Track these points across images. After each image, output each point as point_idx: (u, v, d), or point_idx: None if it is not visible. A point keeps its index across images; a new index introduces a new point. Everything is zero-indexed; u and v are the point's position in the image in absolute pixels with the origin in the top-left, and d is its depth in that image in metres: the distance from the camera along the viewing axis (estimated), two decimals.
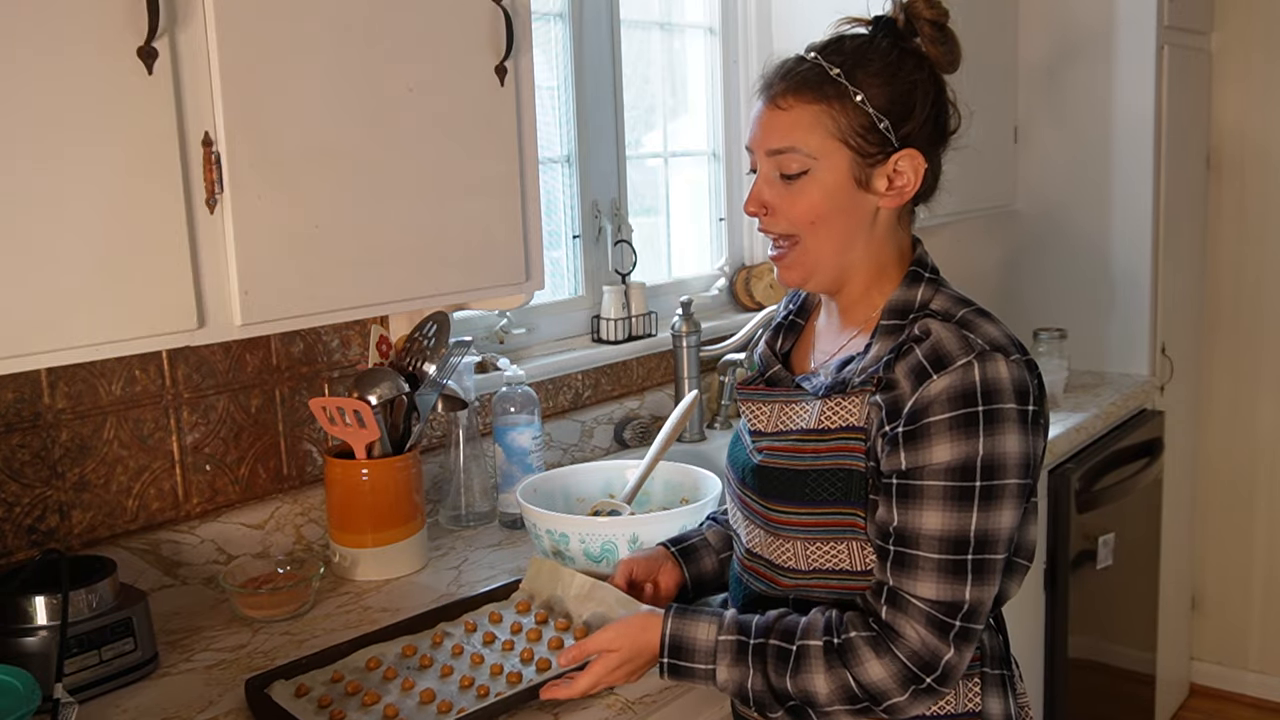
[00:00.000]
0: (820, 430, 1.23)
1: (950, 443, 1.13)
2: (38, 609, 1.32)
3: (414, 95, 1.49)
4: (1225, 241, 3.36)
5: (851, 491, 1.20)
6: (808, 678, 1.16)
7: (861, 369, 1.21)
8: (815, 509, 1.22)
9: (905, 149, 1.21)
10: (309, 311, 1.42)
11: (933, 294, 1.24)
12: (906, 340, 1.19)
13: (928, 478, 1.14)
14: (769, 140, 1.23)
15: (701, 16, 2.69)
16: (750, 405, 1.33)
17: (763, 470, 1.28)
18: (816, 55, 1.23)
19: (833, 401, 1.23)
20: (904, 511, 1.16)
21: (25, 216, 1.15)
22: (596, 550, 1.57)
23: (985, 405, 1.13)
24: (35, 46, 1.13)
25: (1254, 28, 3.22)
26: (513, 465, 1.92)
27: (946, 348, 1.16)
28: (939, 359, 1.15)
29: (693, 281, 2.69)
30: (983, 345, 1.16)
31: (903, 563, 1.16)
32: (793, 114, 1.21)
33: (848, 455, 1.21)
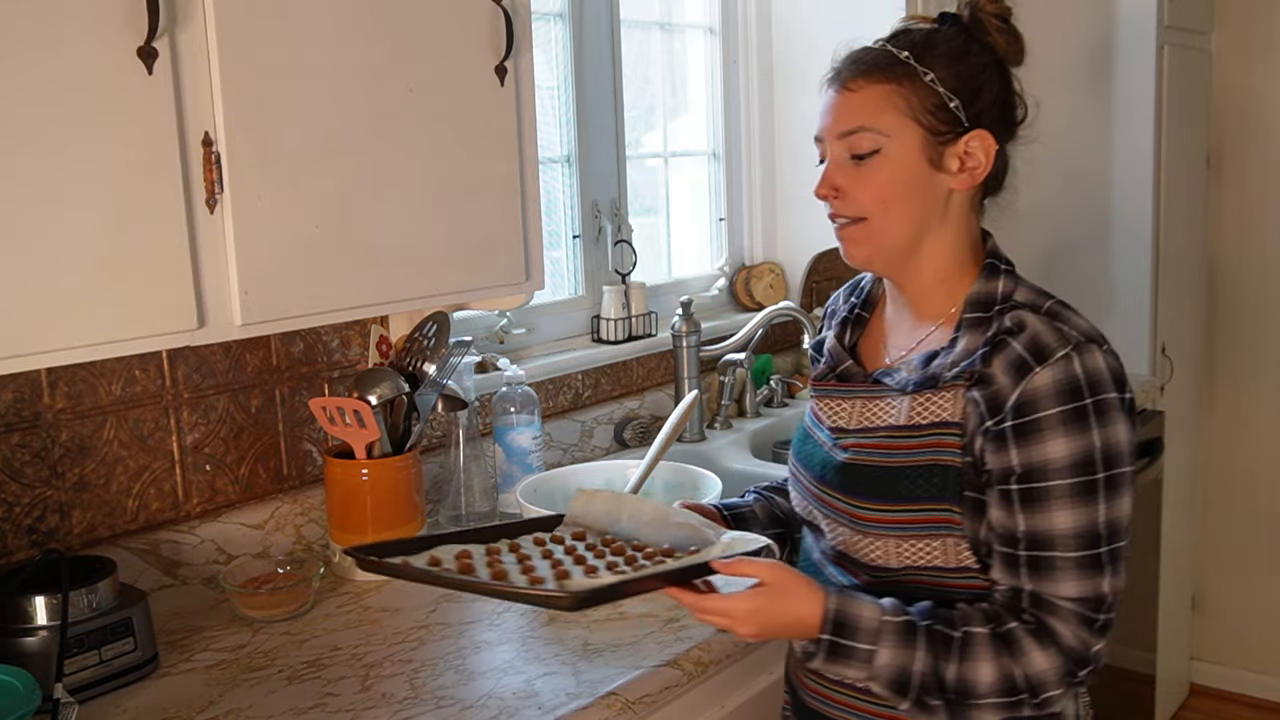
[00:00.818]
0: (911, 427, 1.22)
1: (1066, 438, 1.13)
2: (38, 609, 1.32)
3: (414, 95, 1.49)
4: (1225, 241, 3.36)
5: (947, 487, 1.19)
6: (973, 665, 1.14)
7: (952, 363, 1.20)
8: (908, 506, 1.21)
9: (976, 129, 1.22)
10: (309, 311, 1.42)
11: (1013, 286, 1.24)
12: (999, 333, 1.18)
13: (1052, 477, 1.13)
14: (840, 123, 1.22)
15: (701, 16, 2.69)
16: (829, 402, 1.32)
17: (850, 468, 1.26)
18: (883, 42, 1.24)
19: (922, 397, 1.22)
20: (1031, 515, 1.15)
21: (25, 216, 1.15)
22: None
23: (1093, 397, 1.14)
24: (35, 46, 1.13)
25: (1254, 28, 3.23)
26: (513, 465, 1.92)
27: (1044, 340, 1.15)
28: (1038, 351, 1.15)
29: (693, 281, 2.69)
30: (1078, 337, 1.16)
31: (1039, 566, 1.15)
32: (862, 94, 1.21)
33: (942, 451, 1.19)
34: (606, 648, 1.45)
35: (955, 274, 1.27)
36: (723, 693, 1.53)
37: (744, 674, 1.55)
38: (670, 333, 2.37)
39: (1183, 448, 3.25)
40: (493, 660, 1.43)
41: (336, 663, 1.43)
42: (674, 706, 1.43)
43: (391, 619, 1.56)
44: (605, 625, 1.52)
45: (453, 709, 1.31)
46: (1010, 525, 1.16)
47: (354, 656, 1.45)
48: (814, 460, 1.33)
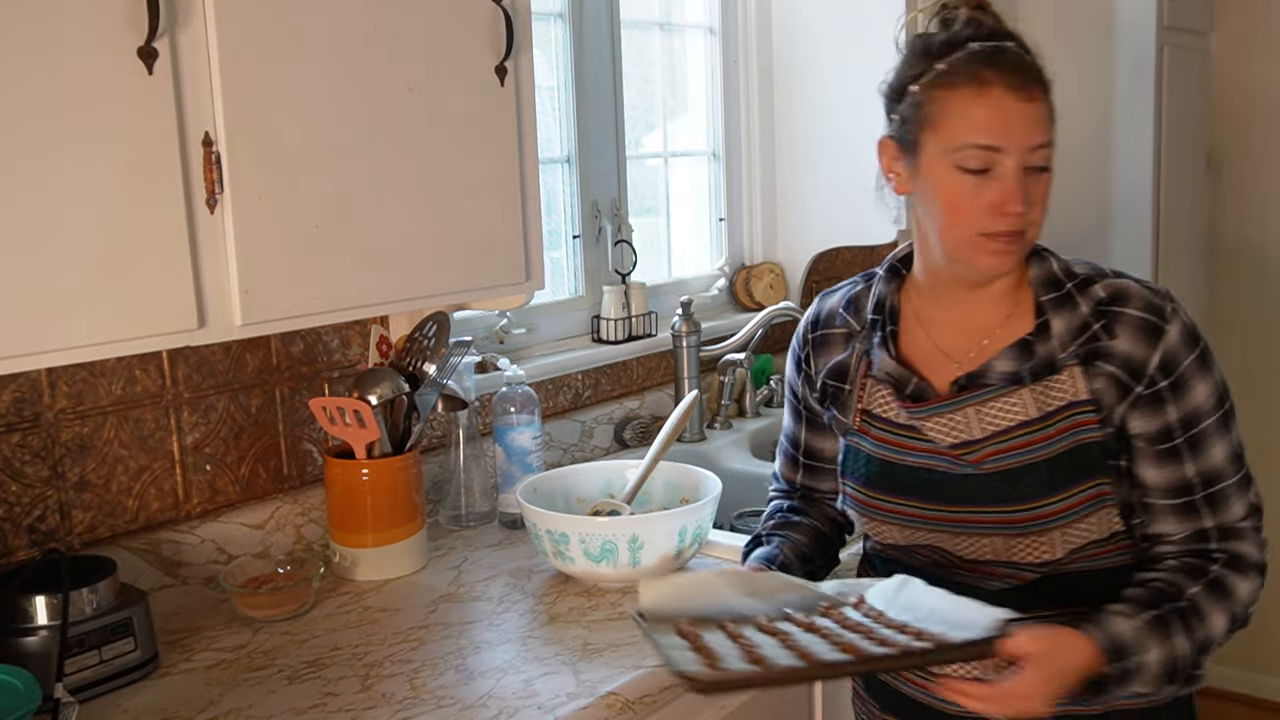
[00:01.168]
0: (1043, 417, 1.23)
1: (1204, 381, 1.22)
2: (38, 609, 1.32)
3: (414, 95, 1.49)
4: (1225, 241, 3.36)
5: (1092, 464, 1.22)
6: (1208, 624, 1.19)
7: (1061, 344, 1.23)
8: (1064, 494, 1.22)
9: None
10: (309, 311, 1.42)
11: (1062, 260, 1.31)
12: (1099, 305, 1.24)
13: (1205, 419, 1.22)
14: (1031, 136, 1.21)
15: (701, 16, 2.69)
16: (939, 420, 1.26)
17: (998, 476, 1.23)
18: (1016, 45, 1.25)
19: (1040, 385, 1.23)
20: (1198, 459, 1.22)
21: (26, 216, 1.15)
22: (596, 550, 1.58)
23: (1203, 339, 1.24)
24: (35, 46, 1.13)
25: (1254, 28, 3.22)
26: (513, 465, 1.92)
27: (1153, 300, 1.24)
28: (1156, 311, 1.23)
29: (693, 281, 2.69)
30: (1162, 288, 1.27)
31: (1214, 501, 1.23)
32: (1040, 106, 1.23)
33: (1082, 430, 1.22)
34: (606, 648, 1.45)
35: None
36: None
37: None
38: (670, 333, 2.37)
39: None
40: (493, 660, 1.43)
41: (336, 663, 1.43)
42: (674, 706, 1.43)
43: (391, 619, 1.56)
44: (605, 625, 1.52)
45: (453, 709, 1.31)
46: (1179, 475, 1.22)
47: (354, 656, 1.45)
48: (929, 485, 1.27)
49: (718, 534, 1.77)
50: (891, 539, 1.33)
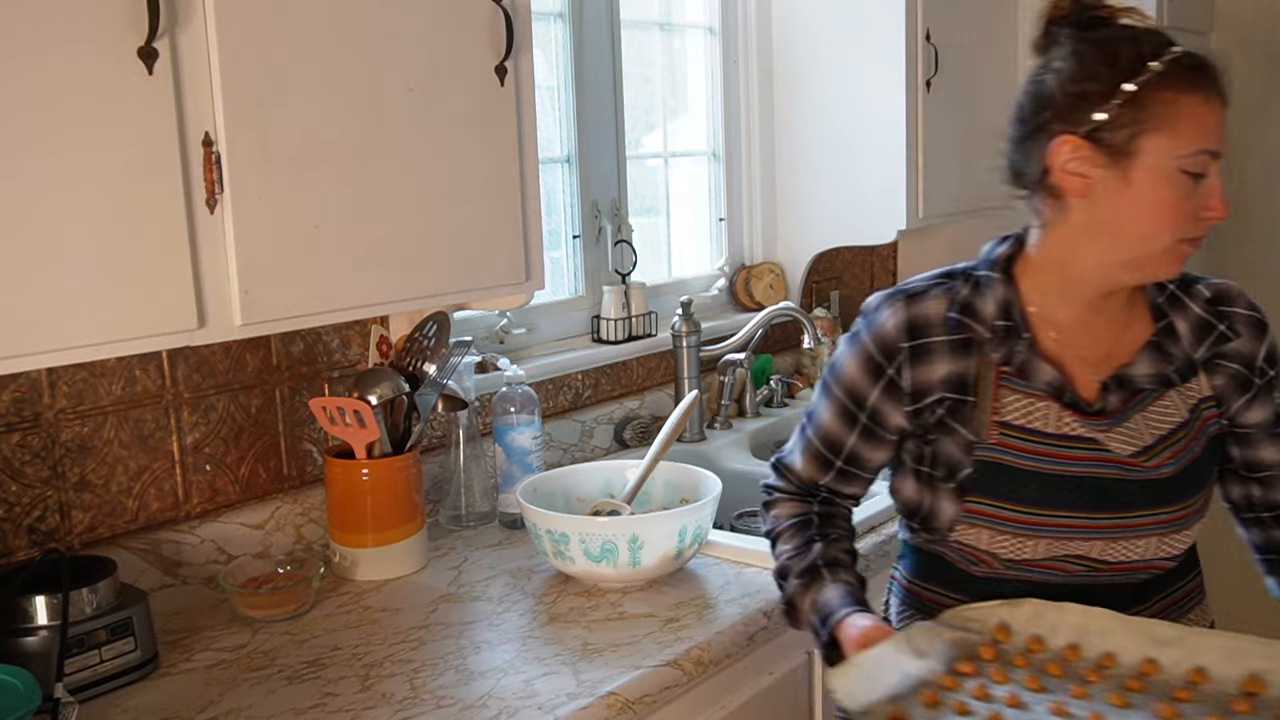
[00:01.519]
0: (1191, 417, 1.29)
1: None
2: (38, 609, 1.33)
3: (414, 95, 1.49)
4: (1225, 241, 3.36)
5: (1216, 456, 1.32)
6: None
7: (1196, 343, 1.30)
8: (1206, 487, 1.32)
9: None
10: (309, 311, 1.42)
11: None
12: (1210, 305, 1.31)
13: None
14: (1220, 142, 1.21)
15: (701, 16, 2.69)
16: (1119, 430, 1.26)
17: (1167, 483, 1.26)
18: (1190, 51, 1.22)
19: (1183, 386, 1.30)
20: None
21: (26, 216, 1.15)
22: (596, 550, 1.58)
23: None
24: (36, 46, 1.13)
25: (1254, 28, 3.22)
26: (513, 465, 1.92)
27: (1249, 298, 1.32)
28: (1256, 308, 1.32)
29: (693, 281, 2.69)
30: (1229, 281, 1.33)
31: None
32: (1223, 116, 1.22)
33: (1210, 424, 1.31)
34: (606, 648, 1.45)
35: None
36: (723, 693, 1.53)
37: (744, 674, 1.55)
38: (670, 333, 2.37)
39: None
40: (493, 660, 1.43)
41: (336, 663, 1.43)
42: (674, 706, 1.43)
43: (391, 619, 1.56)
44: (605, 625, 1.52)
45: (453, 709, 1.31)
46: None
47: (354, 656, 1.45)
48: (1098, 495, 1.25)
49: (718, 534, 1.77)
50: (1030, 554, 1.27)
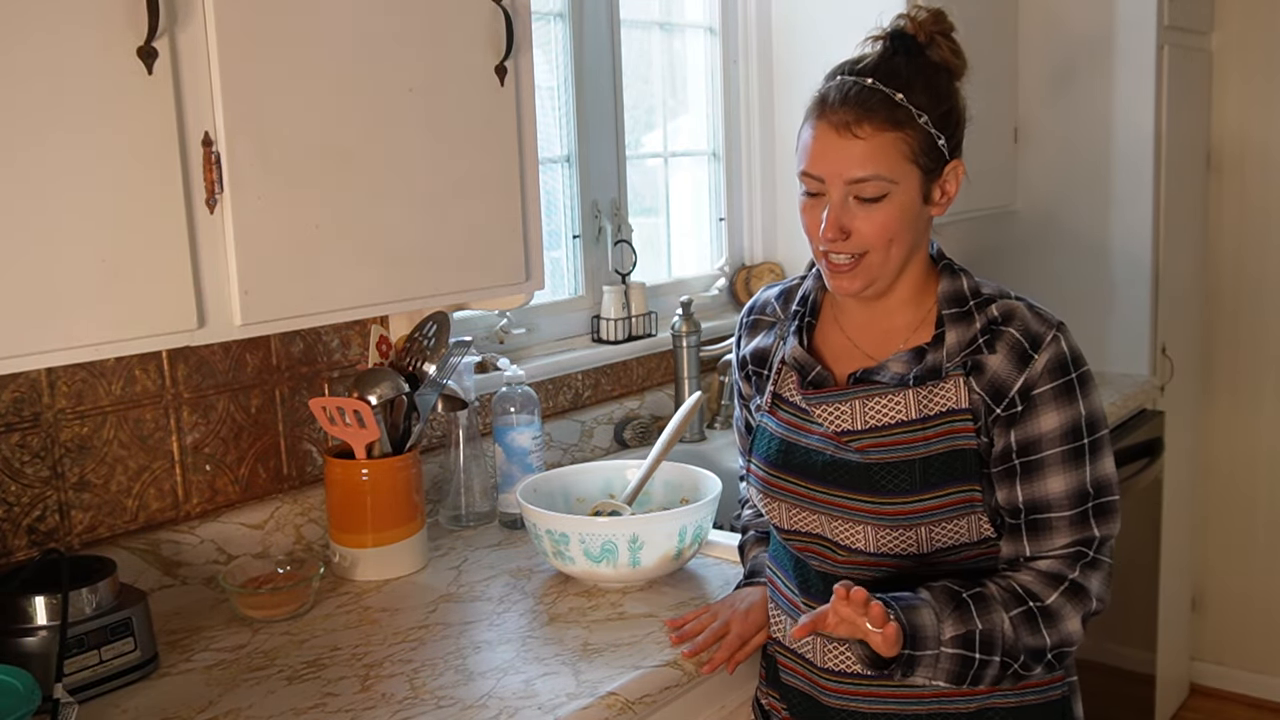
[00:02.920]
0: (922, 419, 1.28)
1: (1056, 411, 1.25)
2: (38, 609, 1.32)
3: (414, 95, 1.49)
4: (1225, 241, 3.35)
5: (968, 470, 1.27)
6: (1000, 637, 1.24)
7: (949, 355, 1.28)
8: (935, 493, 1.27)
9: (952, 160, 1.29)
10: (309, 311, 1.42)
11: (973, 280, 1.33)
12: (990, 324, 1.28)
13: (1045, 448, 1.25)
14: (850, 170, 1.25)
15: (701, 16, 2.69)
16: (827, 408, 1.33)
17: (872, 468, 1.29)
18: (875, 81, 1.25)
19: (925, 390, 1.28)
20: (1029, 485, 1.26)
21: (25, 216, 1.15)
22: (596, 550, 1.58)
23: (1076, 371, 1.26)
24: (35, 46, 1.13)
25: (1254, 28, 3.22)
26: (513, 465, 1.92)
27: (1035, 327, 1.27)
28: (1033, 337, 1.26)
29: (693, 281, 2.69)
30: (1056, 319, 1.28)
31: (1037, 528, 1.26)
32: (872, 143, 1.24)
33: (959, 436, 1.27)
34: (606, 648, 1.45)
35: (925, 281, 1.34)
36: (723, 693, 1.53)
37: (744, 674, 1.55)
38: (670, 333, 2.37)
39: (1183, 448, 3.24)
40: (493, 660, 1.43)
41: (336, 663, 1.43)
42: (674, 706, 1.43)
43: (391, 619, 1.56)
44: (605, 625, 1.52)
45: (453, 709, 1.31)
46: (1013, 498, 1.27)
47: (354, 656, 1.45)
48: (812, 468, 1.34)
49: (718, 534, 1.77)
50: (780, 520, 1.39)
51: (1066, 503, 1.26)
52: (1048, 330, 1.27)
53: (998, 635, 1.23)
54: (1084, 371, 1.27)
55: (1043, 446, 1.25)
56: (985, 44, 2.85)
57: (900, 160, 1.24)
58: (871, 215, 1.26)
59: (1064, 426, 1.25)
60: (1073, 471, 1.26)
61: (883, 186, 1.24)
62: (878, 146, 1.24)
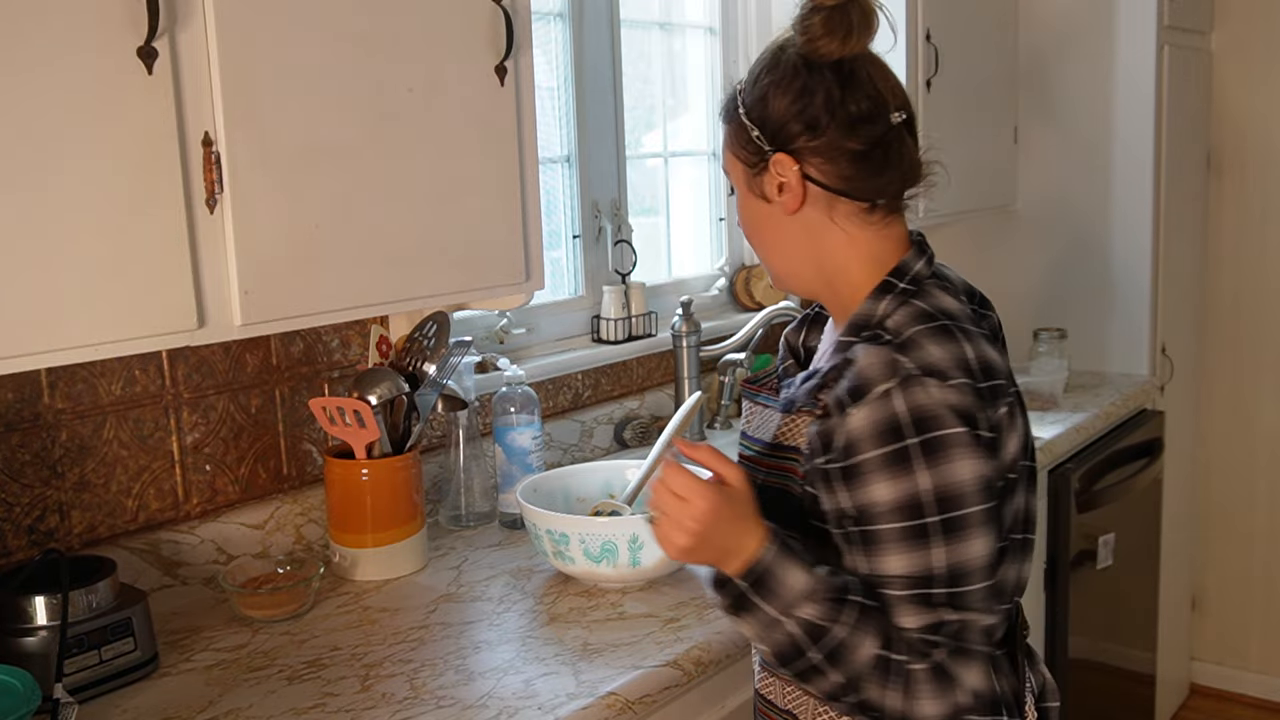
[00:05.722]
0: (774, 446, 1.21)
1: (889, 481, 1.06)
2: (38, 609, 1.32)
3: (414, 95, 1.49)
4: (1225, 241, 3.35)
5: (790, 516, 1.16)
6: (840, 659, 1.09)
7: (806, 390, 1.16)
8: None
9: (778, 153, 1.16)
10: (309, 311, 1.42)
11: (896, 307, 1.14)
12: (841, 364, 1.12)
13: (879, 521, 1.08)
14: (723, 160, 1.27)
15: (701, 16, 2.69)
16: (748, 403, 1.33)
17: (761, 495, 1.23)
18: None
19: (789, 418, 1.20)
20: (867, 558, 1.10)
21: (25, 216, 1.15)
22: (596, 550, 1.57)
23: (919, 436, 1.05)
24: (35, 46, 1.13)
25: (1254, 28, 3.22)
26: (513, 465, 1.92)
27: (867, 375, 1.08)
28: (857, 389, 1.08)
29: (693, 281, 2.69)
30: (911, 369, 1.07)
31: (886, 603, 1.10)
32: (723, 135, 1.25)
33: (787, 476, 1.18)
34: (606, 648, 1.45)
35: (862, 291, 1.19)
36: (723, 693, 1.53)
37: (744, 674, 1.55)
38: (670, 333, 2.37)
39: (1183, 448, 3.25)
40: (493, 660, 1.43)
41: (336, 663, 1.43)
42: (674, 706, 1.43)
43: (391, 619, 1.56)
44: (605, 625, 1.52)
45: (453, 709, 1.31)
46: (852, 565, 1.12)
47: (354, 656, 1.45)
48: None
49: None
50: None
51: (905, 583, 1.08)
52: (881, 382, 1.07)
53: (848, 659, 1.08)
54: (931, 439, 1.05)
55: (875, 519, 1.08)
56: (985, 44, 2.85)
57: (730, 153, 1.23)
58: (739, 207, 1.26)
59: (899, 501, 1.06)
60: (914, 552, 1.07)
61: (731, 179, 1.24)
62: (724, 139, 1.24)
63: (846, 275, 1.20)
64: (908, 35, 2.44)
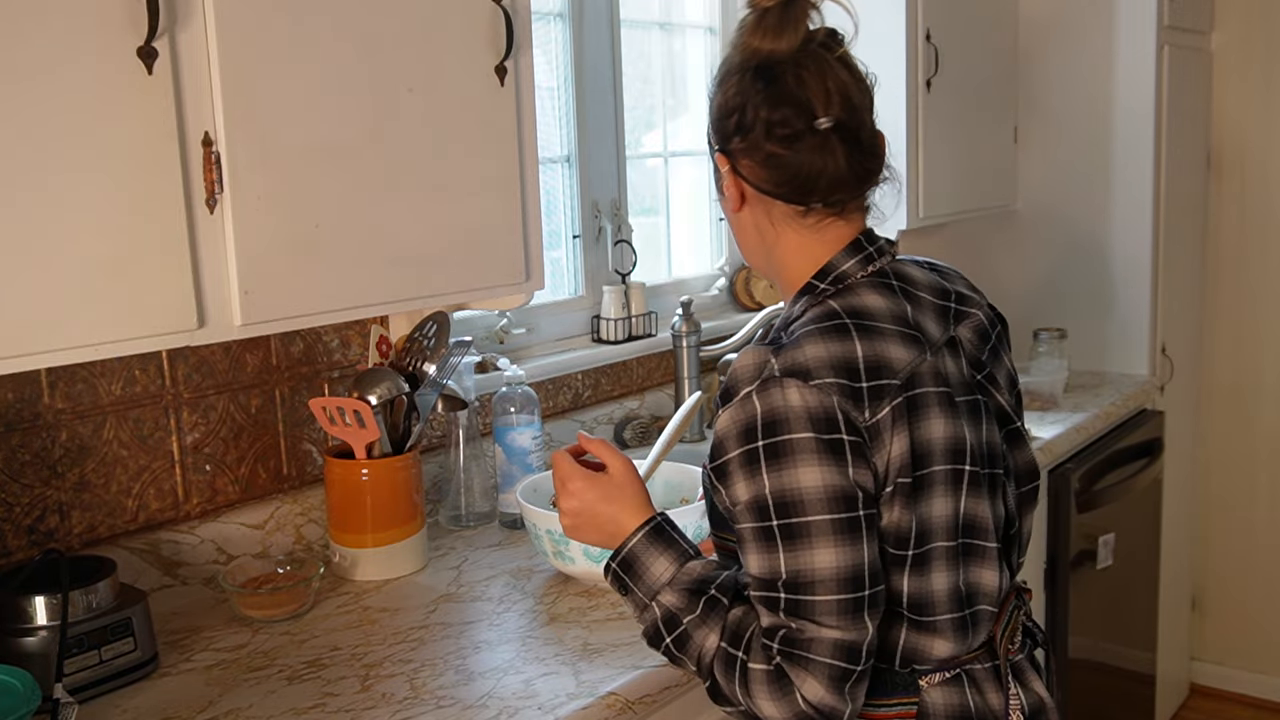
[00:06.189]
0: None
1: (743, 481, 1.09)
2: (38, 609, 1.32)
3: (414, 95, 1.49)
4: (1225, 241, 3.35)
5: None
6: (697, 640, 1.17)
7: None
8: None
9: (717, 152, 1.21)
10: (309, 311, 1.42)
11: (807, 309, 1.16)
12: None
13: (740, 520, 1.11)
14: None
15: (701, 16, 2.69)
16: None
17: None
18: None
19: None
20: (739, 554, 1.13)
21: (25, 216, 1.15)
22: (597, 551, 1.57)
23: (766, 439, 1.07)
24: (34, 47, 1.13)
25: (1254, 28, 3.22)
26: (513, 465, 1.92)
27: (737, 377, 1.10)
28: (728, 390, 1.11)
29: (693, 281, 2.69)
30: (773, 370, 1.08)
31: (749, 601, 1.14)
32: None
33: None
34: (606, 648, 1.45)
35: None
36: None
37: None
38: (670, 333, 2.37)
39: (1183, 448, 3.25)
40: (493, 660, 1.43)
41: (336, 663, 1.43)
42: (674, 706, 1.43)
43: (391, 619, 1.56)
44: (605, 625, 1.52)
45: (453, 709, 1.31)
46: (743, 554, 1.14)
47: (354, 656, 1.45)
48: None
49: None
50: None
51: (756, 583, 1.10)
52: (747, 384, 1.08)
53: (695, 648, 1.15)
54: (775, 443, 1.06)
55: (736, 518, 1.11)
56: (985, 44, 2.85)
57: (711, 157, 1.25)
58: None
59: (750, 502, 1.08)
60: (763, 554, 1.08)
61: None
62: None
63: (788, 273, 1.22)
64: (908, 35, 2.43)
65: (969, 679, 1.18)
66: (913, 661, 1.16)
